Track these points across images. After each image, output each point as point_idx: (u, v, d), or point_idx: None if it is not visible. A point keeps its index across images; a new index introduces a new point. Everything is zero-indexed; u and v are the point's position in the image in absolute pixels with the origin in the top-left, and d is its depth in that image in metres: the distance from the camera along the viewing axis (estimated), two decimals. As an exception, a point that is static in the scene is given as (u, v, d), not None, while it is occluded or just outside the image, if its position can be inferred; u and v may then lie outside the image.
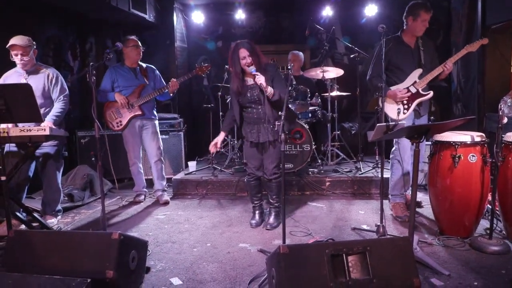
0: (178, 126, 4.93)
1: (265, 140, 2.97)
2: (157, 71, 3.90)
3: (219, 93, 4.96)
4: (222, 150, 5.08)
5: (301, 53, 5.09)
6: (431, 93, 3.26)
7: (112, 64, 3.99)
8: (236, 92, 2.90)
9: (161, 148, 3.98)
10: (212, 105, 4.98)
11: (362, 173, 4.33)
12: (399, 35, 3.32)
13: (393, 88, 3.26)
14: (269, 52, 5.96)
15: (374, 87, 3.19)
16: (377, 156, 4.66)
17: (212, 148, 2.95)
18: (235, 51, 2.84)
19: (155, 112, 3.94)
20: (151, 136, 3.89)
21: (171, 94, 3.78)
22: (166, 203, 3.96)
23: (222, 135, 3.04)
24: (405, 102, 3.23)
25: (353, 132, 5.39)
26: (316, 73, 4.70)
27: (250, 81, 2.89)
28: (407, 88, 3.22)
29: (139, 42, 3.77)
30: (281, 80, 2.84)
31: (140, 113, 3.78)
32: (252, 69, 2.76)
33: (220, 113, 5.07)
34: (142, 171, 4.05)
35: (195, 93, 5.74)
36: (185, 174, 4.56)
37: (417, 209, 3.49)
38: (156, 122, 3.95)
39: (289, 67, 2.90)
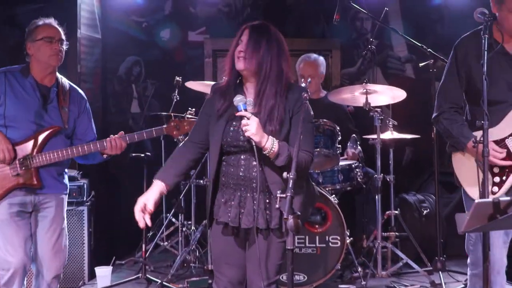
0: (78, 194, 4.46)
1: (250, 225, 2.67)
2: (87, 102, 3.70)
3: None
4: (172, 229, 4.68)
5: (321, 59, 4.82)
6: None
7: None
8: (218, 115, 2.75)
9: (66, 251, 3.61)
10: (147, 154, 4.43)
11: (444, 295, 4.08)
12: (490, 31, 2.95)
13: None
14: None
15: (446, 132, 3.02)
16: (472, 261, 4.21)
17: (140, 218, 2.64)
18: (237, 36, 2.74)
19: (66, 178, 3.62)
20: (50, 225, 3.50)
21: (105, 156, 3.55)
22: None
23: (156, 189, 2.70)
24: (496, 170, 2.98)
25: (425, 212, 4.89)
26: (353, 96, 4.35)
27: (251, 102, 2.78)
28: (504, 140, 2.96)
29: (61, 30, 3.50)
30: (309, 124, 2.67)
31: (34, 183, 3.43)
32: (240, 101, 2.58)
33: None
34: None
35: (113, 129, 4.79)
36: (89, 293, 4.22)
37: None
38: (65, 197, 3.61)
39: (302, 85, 3.05)
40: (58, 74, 3.57)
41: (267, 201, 2.62)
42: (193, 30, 5.73)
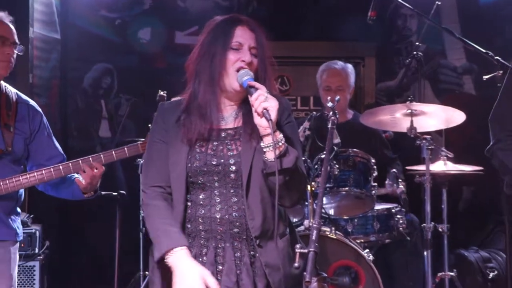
0: (28, 244, 4.52)
1: None
2: (43, 116, 3.66)
3: (140, 161, 4.52)
4: None
5: (350, 67, 4.83)
6: None
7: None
8: (188, 138, 2.70)
9: None
10: (121, 192, 4.55)
11: None
12: None
13: None
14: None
15: (501, 167, 3.14)
16: None
17: None
18: (223, 27, 2.69)
19: (16, 221, 3.56)
20: None
21: (87, 195, 3.54)
22: None
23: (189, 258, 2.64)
24: None
25: (491, 275, 4.99)
26: (393, 119, 4.33)
27: (227, 119, 2.75)
28: None
29: (14, 29, 3.49)
30: (296, 135, 2.85)
31: None
32: (245, 74, 2.59)
33: (140, 213, 4.59)
34: None
35: (75, 158, 5.23)
36: None
37: None
38: (16, 247, 3.56)
39: (329, 104, 2.86)
40: (2, 82, 3.46)
41: (251, 252, 2.56)
42: (182, 30, 5.91)
